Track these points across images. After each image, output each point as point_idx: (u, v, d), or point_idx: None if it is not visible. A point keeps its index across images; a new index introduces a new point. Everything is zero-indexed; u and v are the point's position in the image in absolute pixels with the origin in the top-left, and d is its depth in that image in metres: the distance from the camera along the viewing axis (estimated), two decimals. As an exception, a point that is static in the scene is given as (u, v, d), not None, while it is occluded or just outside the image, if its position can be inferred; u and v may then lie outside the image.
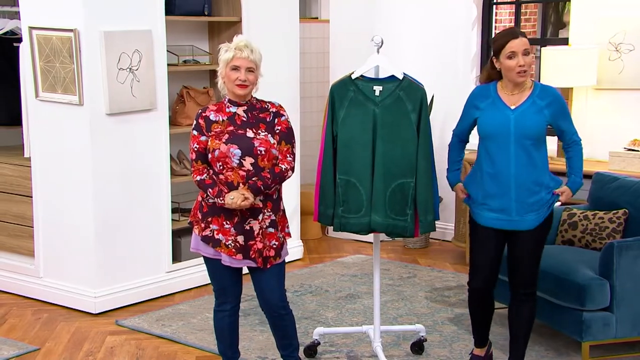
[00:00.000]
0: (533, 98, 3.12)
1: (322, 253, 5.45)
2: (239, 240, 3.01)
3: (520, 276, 3.21)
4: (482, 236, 3.22)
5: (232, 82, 3.00)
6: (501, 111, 3.12)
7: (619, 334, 3.48)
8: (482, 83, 3.25)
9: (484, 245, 3.22)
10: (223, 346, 3.24)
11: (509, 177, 3.11)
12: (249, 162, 2.98)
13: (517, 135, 3.08)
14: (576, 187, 3.24)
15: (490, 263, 3.23)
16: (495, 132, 3.11)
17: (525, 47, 3.06)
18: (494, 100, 3.15)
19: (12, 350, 3.75)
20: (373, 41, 3.34)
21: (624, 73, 4.90)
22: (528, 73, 3.10)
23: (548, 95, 3.13)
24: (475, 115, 3.19)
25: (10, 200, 4.53)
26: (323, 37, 6.04)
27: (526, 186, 3.12)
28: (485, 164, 3.16)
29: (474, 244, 3.27)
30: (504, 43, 3.07)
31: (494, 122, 3.12)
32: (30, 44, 4.18)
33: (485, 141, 3.16)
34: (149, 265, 4.46)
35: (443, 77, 5.53)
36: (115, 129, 4.21)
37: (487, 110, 3.16)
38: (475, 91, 3.25)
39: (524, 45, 3.06)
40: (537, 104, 3.11)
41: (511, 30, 3.13)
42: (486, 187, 3.17)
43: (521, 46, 3.05)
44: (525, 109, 3.11)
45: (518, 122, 3.09)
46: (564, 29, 8.15)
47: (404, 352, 3.71)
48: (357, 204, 3.29)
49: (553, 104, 3.13)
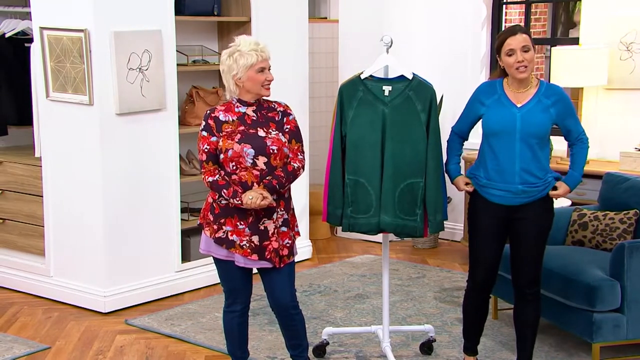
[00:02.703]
0: (539, 97, 3.11)
1: (331, 253, 5.45)
2: (254, 241, 3.01)
3: (524, 276, 3.19)
4: (482, 231, 3.20)
5: (259, 84, 2.98)
6: (507, 108, 3.11)
7: (630, 335, 3.45)
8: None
9: (485, 239, 3.19)
10: (232, 346, 3.25)
11: (514, 174, 3.11)
12: (262, 162, 2.98)
13: (523, 133, 3.08)
14: (574, 182, 3.20)
15: (491, 257, 3.21)
16: (501, 130, 3.10)
17: (524, 44, 3.05)
18: (500, 97, 3.14)
19: (23, 348, 3.77)
20: (382, 41, 3.34)
21: (635, 73, 4.87)
22: (529, 69, 3.08)
23: (554, 93, 3.12)
24: (480, 112, 3.18)
25: (21, 200, 4.55)
26: (332, 37, 6.03)
27: (529, 177, 3.12)
28: (490, 160, 3.15)
29: (474, 238, 3.24)
30: (503, 40, 3.09)
31: (500, 120, 3.11)
32: (41, 44, 4.20)
33: (490, 138, 3.14)
34: (159, 264, 4.47)
35: (452, 77, 5.52)
36: (125, 128, 4.23)
37: (492, 107, 3.14)
38: (481, 87, 3.24)
39: (522, 41, 3.05)
40: (543, 103, 3.10)
41: (511, 28, 3.13)
42: (491, 176, 3.16)
43: (520, 43, 3.05)
44: (531, 107, 3.10)
45: (525, 120, 3.08)
46: (574, 28, 8.11)
47: (413, 353, 3.70)
48: (366, 204, 3.29)
49: (559, 103, 3.11)
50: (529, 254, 3.17)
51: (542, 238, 3.19)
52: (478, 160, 3.24)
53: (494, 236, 3.19)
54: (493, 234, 3.19)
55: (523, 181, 3.11)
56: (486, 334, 3.88)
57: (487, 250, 3.20)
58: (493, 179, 3.15)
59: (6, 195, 4.61)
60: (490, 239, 3.19)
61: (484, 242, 3.20)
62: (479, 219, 3.21)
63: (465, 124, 3.27)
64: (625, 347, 3.61)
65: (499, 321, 4.04)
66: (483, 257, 3.22)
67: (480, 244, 3.22)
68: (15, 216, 4.59)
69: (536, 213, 3.15)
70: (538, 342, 3.55)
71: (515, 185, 3.11)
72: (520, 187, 3.11)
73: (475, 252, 3.24)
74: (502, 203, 3.14)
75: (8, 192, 4.60)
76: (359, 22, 5.57)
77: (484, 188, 3.18)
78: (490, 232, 3.18)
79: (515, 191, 3.12)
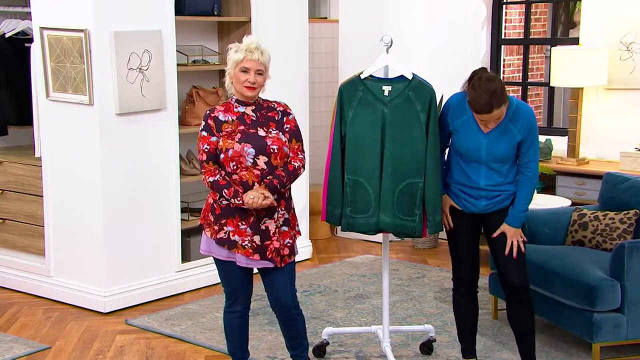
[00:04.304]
0: (506, 123, 3.13)
1: (331, 253, 5.45)
2: (256, 240, 3.01)
3: (511, 279, 3.21)
4: (458, 229, 3.27)
5: (240, 84, 3.01)
6: (474, 135, 3.16)
7: (630, 335, 3.45)
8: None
9: (462, 237, 3.27)
10: (233, 346, 3.25)
11: (479, 186, 3.20)
12: (262, 161, 2.98)
13: (488, 159, 3.15)
14: (514, 221, 3.19)
15: (471, 253, 3.29)
16: (467, 153, 3.19)
17: (492, 118, 3.05)
18: (468, 119, 3.18)
19: (23, 348, 3.77)
20: (382, 41, 3.34)
21: (635, 73, 4.87)
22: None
23: (520, 118, 3.14)
24: (449, 130, 3.23)
25: (22, 200, 4.56)
26: (332, 37, 6.03)
27: (493, 189, 3.19)
28: (457, 173, 3.24)
29: (451, 238, 3.33)
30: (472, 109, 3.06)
31: (466, 145, 3.18)
32: (41, 44, 4.21)
33: (458, 155, 3.22)
34: (159, 264, 4.47)
35: (452, 77, 5.46)
36: (125, 128, 4.23)
37: (461, 129, 3.19)
38: (453, 103, 3.24)
39: (492, 117, 3.04)
40: (509, 129, 3.14)
41: (484, 102, 3.02)
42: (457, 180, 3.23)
43: (494, 116, 3.04)
44: (497, 135, 3.14)
45: (489, 148, 3.14)
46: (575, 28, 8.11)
47: (413, 353, 3.70)
48: (365, 204, 3.28)
49: (524, 127, 3.13)
50: (508, 258, 3.21)
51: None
52: (447, 164, 3.31)
53: (470, 233, 3.28)
54: (469, 232, 3.28)
55: (486, 194, 3.19)
56: (486, 334, 3.88)
57: (466, 247, 3.29)
58: (460, 187, 3.23)
59: (6, 195, 4.61)
60: (467, 236, 3.28)
61: (462, 240, 3.29)
62: (454, 219, 3.28)
63: (443, 136, 3.28)
64: (625, 347, 3.61)
65: (499, 321, 4.04)
66: (463, 254, 3.30)
67: (458, 242, 3.30)
68: (15, 216, 4.59)
69: (504, 217, 3.22)
70: (538, 342, 3.55)
71: (479, 201, 3.20)
72: (483, 203, 3.20)
73: (456, 251, 3.32)
74: (473, 212, 3.24)
75: (8, 192, 4.60)
76: (359, 22, 5.57)
77: (455, 197, 3.27)
78: (466, 230, 3.27)
79: (478, 207, 3.22)
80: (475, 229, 3.30)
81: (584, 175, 4.84)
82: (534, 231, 3.94)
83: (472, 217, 3.26)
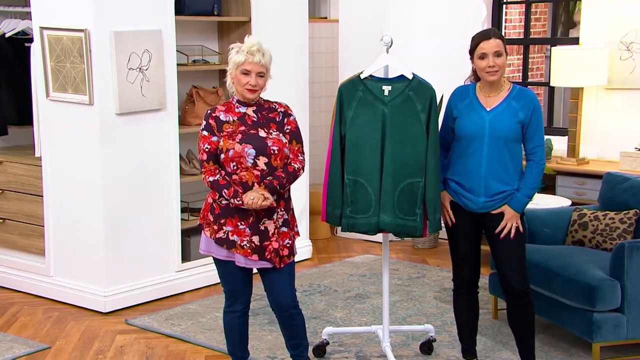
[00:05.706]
0: (509, 100, 3.14)
1: (331, 253, 5.45)
2: (254, 241, 3.01)
3: (512, 287, 3.20)
4: (459, 229, 3.26)
5: (242, 86, 3.01)
6: (477, 112, 3.16)
7: (630, 335, 3.46)
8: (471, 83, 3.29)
9: (462, 237, 3.26)
10: (232, 346, 3.25)
11: (479, 178, 3.15)
12: (262, 162, 2.98)
13: (491, 137, 3.12)
14: (517, 205, 3.17)
15: (472, 253, 3.28)
16: (470, 133, 3.16)
17: (496, 49, 3.09)
18: (471, 101, 3.19)
19: (23, 348, 3.77)
20: (382, 41, 3.34)
21: (635, 73, 4.87)
22: (500, 73, 3.12)
23: (524, 97, 3.14)
24: (454, 115, 3.23)
25: (22, 200, 4.56)
26: (332, 37, 6.03)
27: (495, 183, 3.15)
28: (458, 164, 3.21)
29: (452, 237, 3.32)
30: (476, 44, 3.12)
31: (469, 123, 3.16)
32: (41, 44, 4.21)
33: (461, 141, 3.20)
34: (159, 264, 4.47)
35: (452, 76, 5.47)
36: (125, 128, 4.23)
37: (464, 111, 3.19)
38: (456, 91, 3.29)
39: (495, 46, 3.09)
40: (512, 106, 3.14)
41: (485, 32, 3.16)
42: (458, 179, 3.21)
43: (493, 47, 3.08)
44: (500, 111, 3.14)
45: (492, 124, 3.13)
46: (575, 28, 8.12)
47: (413, 352, 3.70)
48: (365, 204, 3.29)
49: (527, 106, 3.13)
50: (509, 263, 3.20)
51: (517, 242, 3.20)
52: (448, 161, 3.29)
53: (471, 233, 3.27)
54: (469, 232, 3.26)
55: (487, 190, 3.15)
56: (486, 333, 3.88)
57: (467, 248, 3.28)
58: (461, 185, 3.20)
59: (6, 195, 4.61)
60: (467, 236, 3.27)
61: (462, 240, 3.28)
62: (455, 218, 3.27)
63: (446, 131, 3.29)
64: (625, 347, 3.61)
65: (499, 321, 4.04)
66: (464, 254, 3.29)
67: (459, 242, 3.29)
68: (15, 216, 4.59)
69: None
70: (538, 342, 3.55)
71: (479, 198, 3.17)
72: (481, 200, 3.16)
73: (457, 251, 3.31)
74: (472, 209, 3.22)
75: (8, 192, 4.60)
76: (359, 22, 5.57)
77: (454, 193, 3.25)
78: (467, 230, 3.26)
79: (477, 204, 3.19)
80: (476, 229, 3.29)
81: (584, 175, 4.84)
82: (534, 231, 3.94)
83: (473, 216, 3.25)
